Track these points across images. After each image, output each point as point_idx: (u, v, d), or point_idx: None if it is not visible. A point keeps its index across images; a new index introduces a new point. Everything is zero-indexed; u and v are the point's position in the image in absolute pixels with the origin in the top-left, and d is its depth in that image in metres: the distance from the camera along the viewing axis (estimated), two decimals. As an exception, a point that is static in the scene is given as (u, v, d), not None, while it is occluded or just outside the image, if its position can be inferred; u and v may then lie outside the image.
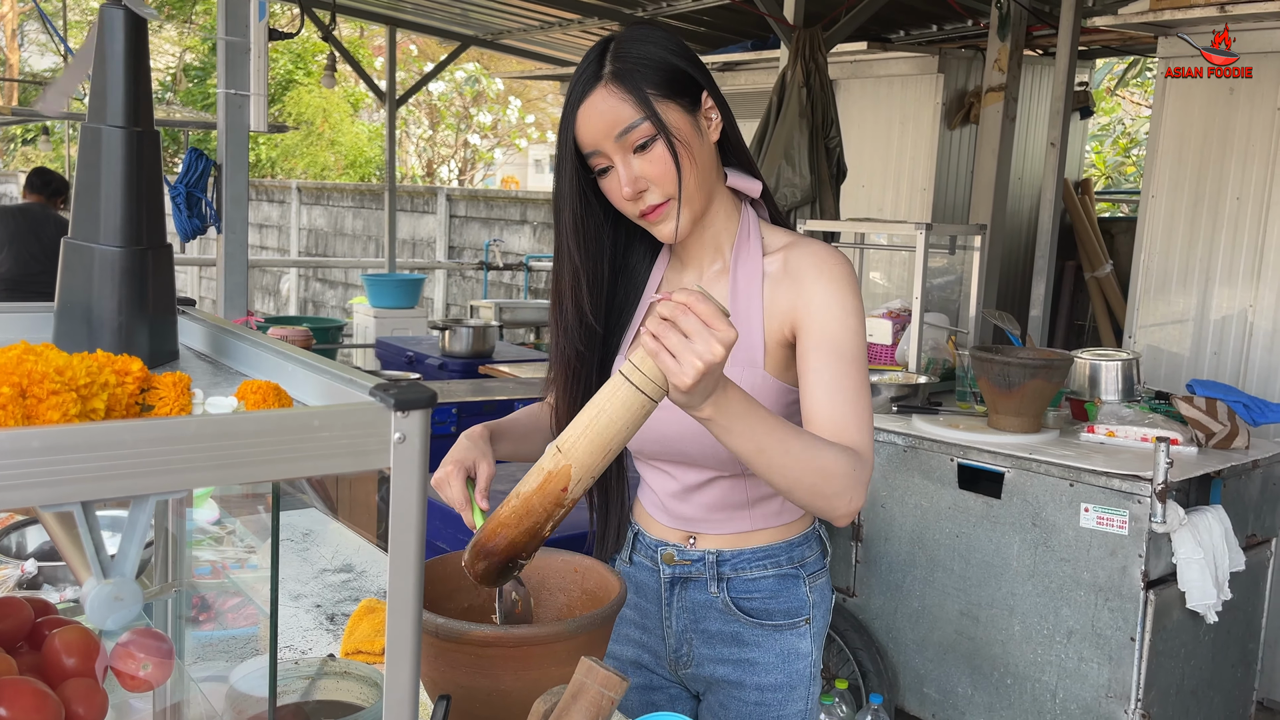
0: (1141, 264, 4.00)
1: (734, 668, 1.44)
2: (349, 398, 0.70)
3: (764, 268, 1.35)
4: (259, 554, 1.71)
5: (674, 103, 1.26)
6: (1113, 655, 2.53)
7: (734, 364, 1.32)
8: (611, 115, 1.25)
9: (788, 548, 1.42)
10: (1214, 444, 2.79)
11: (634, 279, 1.44)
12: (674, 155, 1.25)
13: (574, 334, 1.37)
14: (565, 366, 1.39)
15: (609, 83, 1.25)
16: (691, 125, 1.28)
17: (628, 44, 1.27)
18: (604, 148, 1.27)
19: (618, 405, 1.05)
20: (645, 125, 1.24)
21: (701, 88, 1.30)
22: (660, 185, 1.27)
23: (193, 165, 3.30)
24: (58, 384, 0.59)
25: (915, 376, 3.32)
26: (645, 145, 1.25)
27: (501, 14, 6.79)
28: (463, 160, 17.51)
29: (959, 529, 2.82)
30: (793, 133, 4.14)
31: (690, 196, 1.29)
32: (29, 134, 15.47)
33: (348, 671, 1.24)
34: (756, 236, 1.37)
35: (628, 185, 1.26)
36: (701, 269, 1.40)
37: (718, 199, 1.36)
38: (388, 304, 7.51)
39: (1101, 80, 9.38)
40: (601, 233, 1.37)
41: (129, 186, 0.88)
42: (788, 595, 1.42)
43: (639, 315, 1.42)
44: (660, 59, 1.26)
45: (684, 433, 1.35)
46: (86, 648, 0.83)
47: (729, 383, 1.07)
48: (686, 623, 1.45)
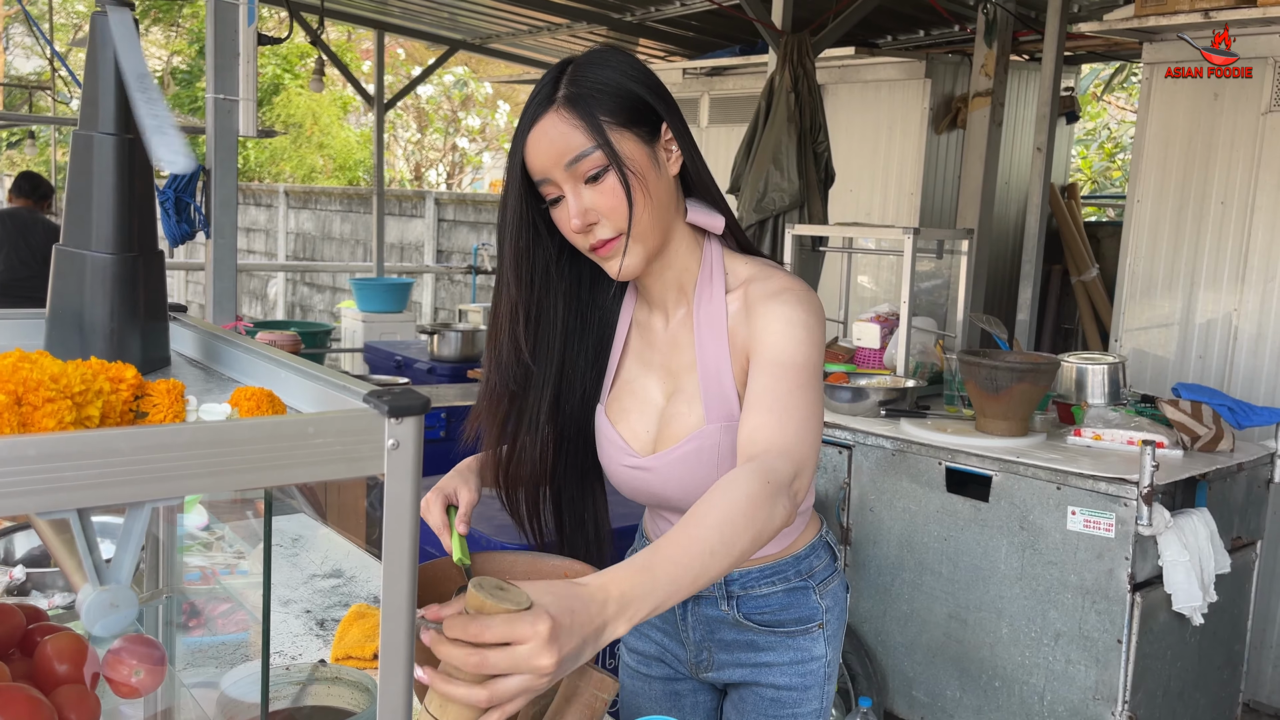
0: (1127, 268, 4.02)
1: (751, 670, 1.45)
2: (342, 404, 0.71)
3: (727, 307, 1.28)
4: (248, 559, 1.71)
5: (630, 132, 1.20)
6: (1100, 657, 2.54)
7: (712, 421, 1.27)
8: (562, 142, 1.18)
9: (794, 561, 1.42)
10: (1199, 447, 2.81)
11: (605, 322, 1.38)
12: (626, 188, 1.18)
13: (508, 371, 1.29)
14: (494, 404, 1.31)
15: (561, 107, 1.18)
16: (648, 156, 1.21)
17: (585, 68, 1.21)
18: (554, 176, 1.19)
19: None
20: (597, 154, 1.17)
21: (661, 118, 1.23)
22: (611, 219, 1.20)
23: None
24: (53, 391, 0.59)
25: (903, 380, 3.34)
26: (597, 176, 1.18)
27: (490, 18, 6.79)
28: (451, 164, 17.49)
29: (947, 532, 2.83)
30: (781, 137, 4.15)
31: (643, 233, 1.21)
32: (14, 138, 15.38)
33: (339, 677, 1.24)
34: (720, 274, 1.30)
35: (576, 217, 1.19)
36: (667, 313, 1.34)
37: (677, 235, 1.29)
38: (376, 308, 7.50)
39: (1088, 86, 9.44)
40: (550, 267, 1.28)
41: (121, 193, 0.88)
42: (798, 606, 1.42)
43: (614, 361, 1.37)
44: (618, 85, 1.20)
45: (677, 494, 1.33)
46: (79, 654, 0.83)
47: (604, 587, 0.88)
48: (703, 634, 1.46)
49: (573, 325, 1.34)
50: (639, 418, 1.35)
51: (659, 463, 1.31)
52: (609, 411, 1.37)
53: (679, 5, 5.85)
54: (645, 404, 1.35)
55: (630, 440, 1.35)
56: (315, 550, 2.13)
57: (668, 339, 1.34)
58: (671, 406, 1.33)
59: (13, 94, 14.96)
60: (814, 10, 4.74)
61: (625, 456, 1.34)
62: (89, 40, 0.88)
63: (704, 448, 1.28)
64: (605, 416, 1.37)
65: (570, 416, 1.37)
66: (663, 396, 1.34)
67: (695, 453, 1.28)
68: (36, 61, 16.90)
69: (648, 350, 1.37)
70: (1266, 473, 2.92)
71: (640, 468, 1.33)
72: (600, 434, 1.38)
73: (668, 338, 1.34)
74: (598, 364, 1.38)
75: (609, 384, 1.38)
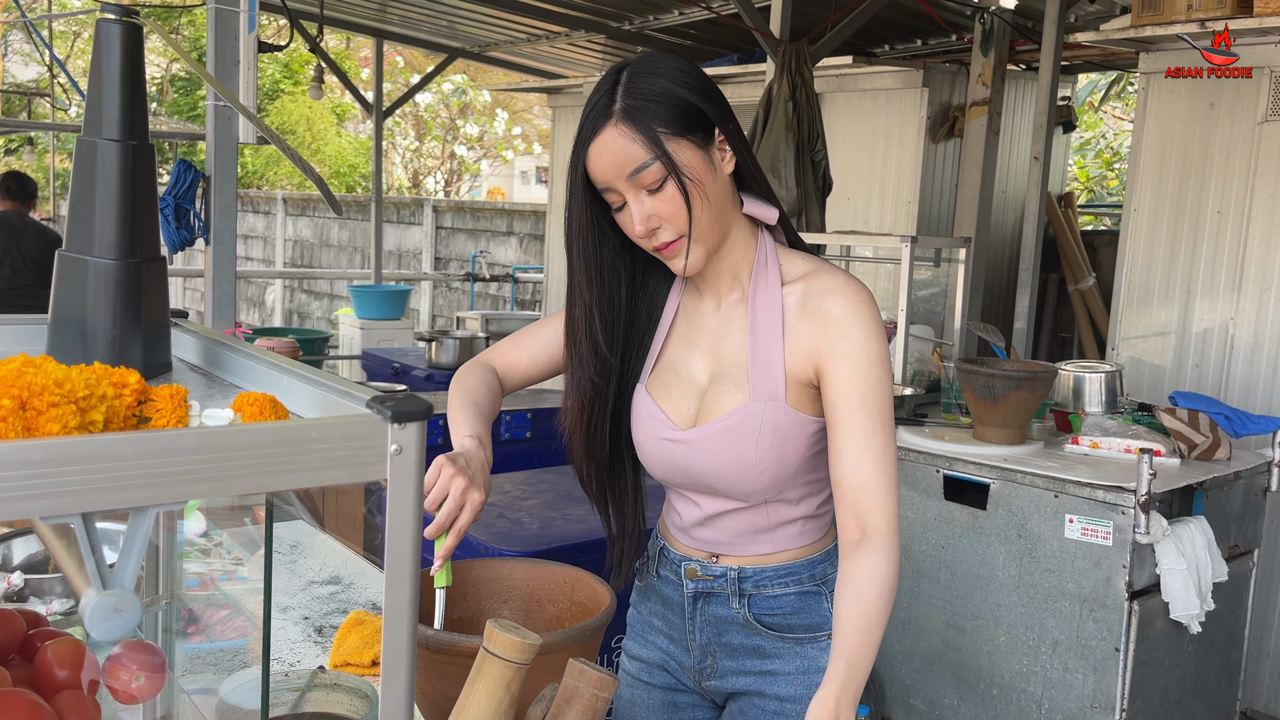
0: (1124, 277, 4.03)
1: (755, 679, 1.44)
2: (345, 410, 0.71)
3: (783, 298, 1.35)
4: (247, 566, 1.71)
5: (686, 139, 1.25)
6: (1097, 666, 2.54)
7: (757, 398, 1.32)
8: (623, 155, 1.24)
9: (809, 565, 1.42)
10: (1196, 455, 2.81)
11: (653, 305, 1.44)
12: (685, 195, 1.25)
13: (589, 366, 1.38)
14: (581, 398, 1.40)
15: (620, 121, 1.24)
16: (704, 161, 1.27)
17: (639, 77, 1.26)
18: (616, 185, 1.26)
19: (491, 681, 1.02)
20: (656, 166, 1.23)
21: (714, 123, 1.29)
22: (673, 223, 1.27)
23: (181, 177, 3.30)
24: (57, 396, 0.59)
25: (901, 388, 3.34)
26: (658, 186, 1.25)
27: (488, 26, 6.81)
28: (449, 172, 17.51)
29: (945, 540, 2.83)
30: (779, 146, 4.16)
31: (702, 234, 1.28)
32: (12, 144, 15.39)
33: (338, 684, 1.24)
34: (774, 264, 1.37)
35: (640, 224, 1.26)
36: (720, 297, 1.40)
37: (735, 228, 1.35)
38: (374, 315, 7.50)
39: (1085, 96, 9.47)
40: (617, 263, 1.37)
41: (124, 200, 0.88)
42: (809, 611, 1.42)
43: (658, 341, 1.43)
44: (672, 94, 1.25)
45: (713, 469, 1.35)
46: (79, 660, 0.83)
47: (837, 701, 1.15)
48: (710, 636, 1.46)
49: (631, 315, 1.42)
50: (681, 395, 1.39)
51: (700, 435, 1.35)
52: (650, 389, 1.41)
53: (677, 14, 5.87)
54: (688, 383, 1.40)
55: (671, 415, 1.38)
56: (313, 557, 2.12)
57: (718, 321, 1.40)
58: (715, 386, 1.37)
59: (11, 100, 14.97)
60: (812, 19, 4.75)
61: (665, 430, 1.38)
62: (93, 46, 0.88)
63: (747, 423, 1.32)
64: (647, 393, 1.41)
65: (626, 398, 1.44)
66: (706, 377, 1.39)
67: (738, 427, 1.32)
68: (36, 69, 16.90)
69: (695, 333, 1.41)
70: (1263, 481, 2.93)
71: (680, 440, 1.37)
72: (640, 410, 1.41)
73: (718, 320, 1.40)
74: (643, 347, 1.43)
75: (650, 364, 1.42)
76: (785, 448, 1.32)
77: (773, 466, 1.33)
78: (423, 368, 5.02)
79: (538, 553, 2.33)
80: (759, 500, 1.37)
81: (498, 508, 2.76)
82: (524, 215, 9.45)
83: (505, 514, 2.71)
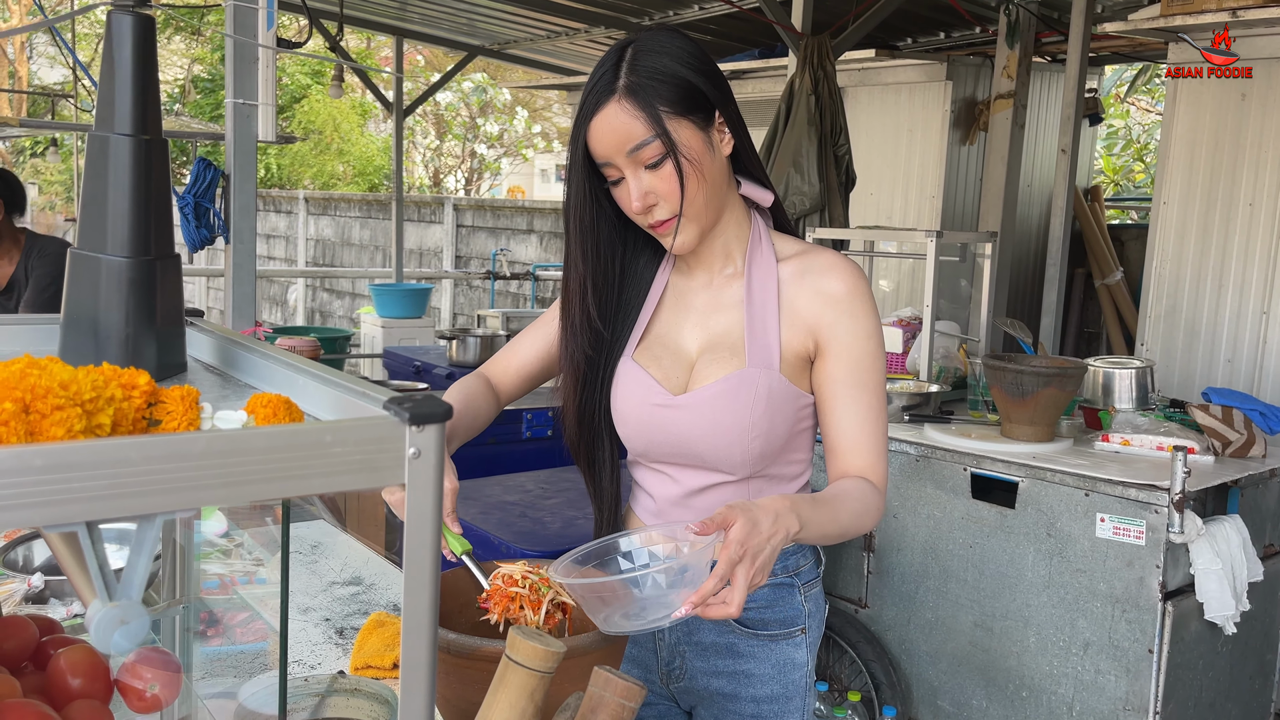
0: (1154, 271, 3.97)
1: (729, 680, 1.42)
2: (362, 411, 0.68)
3: (778, 273, 1.37)
4: (267, 567, 1.69)
5: (687, 119, 1.27)
6: (1130, 667, 2.50)
7: (752, 365, 1.33)
8: (624, 131, 1.25)
9: (782, 557, 1.40)
10: (1230, 453, 2.76)
11: (640, 282, 1.45)
12: (680, 175, 1.26)
13: (581, 337, 1.40)
14: (575, 371, 1.42)
15: (622, 97, 1.25)
16: (703, 142, 1.28)
17: (644, 55, 1.27)
18: (615, 161, 1.28)
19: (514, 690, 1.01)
20: (656, 143, 1.25)
21: (715, 105, 1.30)
22: (669, 201, 1.28)
23: (201, 175, 3.30)
24: (62, 399, 0.57)
25: (927, 385, 3.30)
26: (657, 163, 1.26)
27: (508, 24, 6.79)
28: (469, 170, 17.53)
29: (972, 539, 2.79)
30: (801, 141, 4.12)
31: (697, 214, 1.30)
32: (38, 146, 15.53)
33: (358, 689, 1.22)
34: (768, 243, 1.39)
35: (637, 200, 1.28)
36: (711, 273, 1.41)
37: (729, 208, 1.37)
38: (395, 314, 7.50)
39: (1110, 87, 9.36)
40: (613, 236, 1.38)
41: (137, 196, 0.86)
42: (783, 605, 1.41)
43: (644, 318, 1.43)
44: (675, 74, 1.26)
45: (704, 433, 1.34)
46: (93, 668, 0.81)
47: (792, 504, 1.14)
48: (679, 634, 1.43)
49: (619, 290, 1.43)
50: (671, 364, 1.40)
51: (693, 400, 1.35)
52: (638, 359, 1.41)
53: (697, 9, 5.84)
54: (676, 354, 1.40)
55: (662, 382, 1.39)
56: (334, 557, 2.11)
57: (709, 296, 1.41)
58: (705, 356, 1.38)
59: (37, 102, 15.10)
60: (834, 13, 4.70)
61: (656, 395, 1.37)
62: (104, 40, 0.86)
63: (743, 387, 1.33)
64: (635, 362, 1.41)
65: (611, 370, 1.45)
66: (695, 349, 1.40)
67: (733, 391, 1.33)
68: (61, 71, 17.05)
69: (684, 308, 1.43)
70: (1299, 479, 2.87)
71: (671, 405, 1.37)
72: (627, 377, 1.40)
73: (709, 295, 1.41)
74: (629, 320, 1.44)
75: (637, 337, 1.42)
76: (776, 417, 1.33)
77: (765, 433, 1.33)
78: (444, 366, 5.00)
79: (560, 553, 2.30)
80: (744, 474, 1.36)
81: (519, 507, 2.73)
82: (544, 213, 9.43)
83: (527, 513, 2.69)
